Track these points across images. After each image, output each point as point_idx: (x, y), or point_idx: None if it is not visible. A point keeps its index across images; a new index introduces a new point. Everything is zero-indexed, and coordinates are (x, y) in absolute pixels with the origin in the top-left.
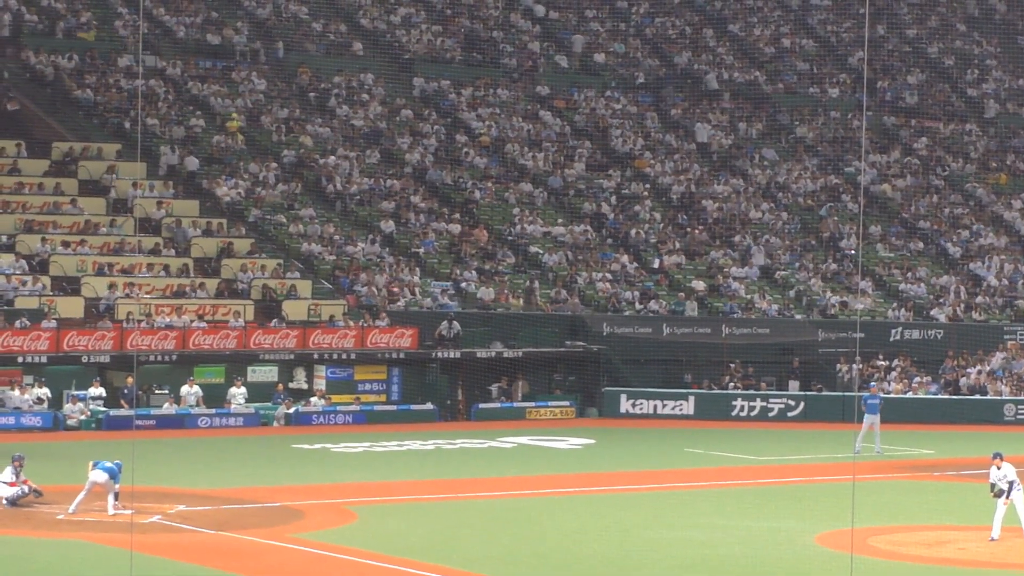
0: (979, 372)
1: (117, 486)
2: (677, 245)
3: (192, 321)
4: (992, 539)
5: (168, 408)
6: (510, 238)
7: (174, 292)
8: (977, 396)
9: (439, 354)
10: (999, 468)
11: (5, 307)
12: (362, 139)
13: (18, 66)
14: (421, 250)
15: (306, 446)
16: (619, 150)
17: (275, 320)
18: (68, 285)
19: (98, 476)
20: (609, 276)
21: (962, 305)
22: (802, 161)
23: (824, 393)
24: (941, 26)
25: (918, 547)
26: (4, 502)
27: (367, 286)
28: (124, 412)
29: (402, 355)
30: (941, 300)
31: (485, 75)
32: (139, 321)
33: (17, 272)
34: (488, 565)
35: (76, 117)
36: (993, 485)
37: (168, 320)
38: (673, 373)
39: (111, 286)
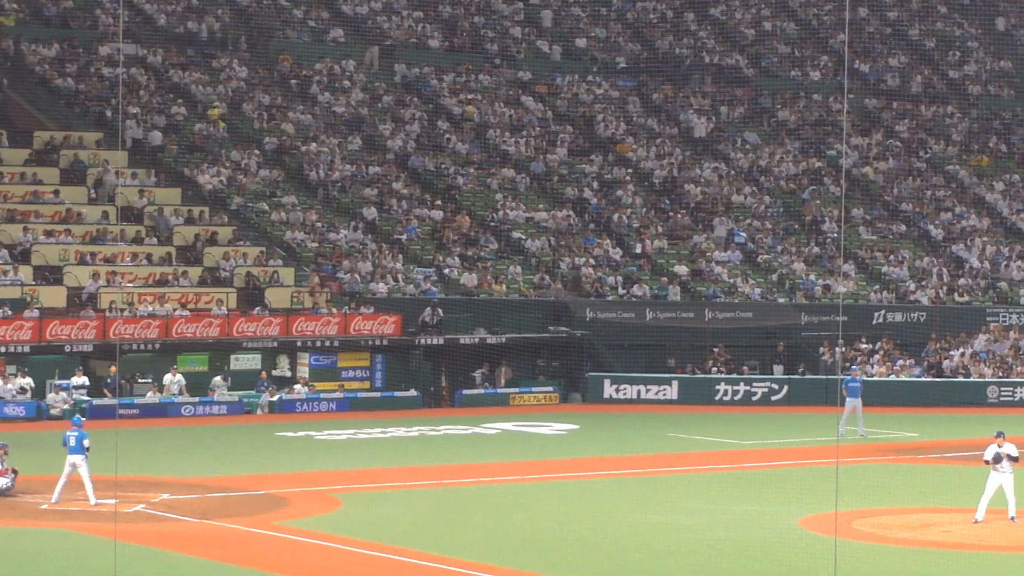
0: (962, 354)
1: (86, 441)
2: (660, 229)
3: (175, 310)
4: (976, 521)
5: (151, 397)
6: (493, 224)
7: (156, 281)
8: (960, 378)
9: (422, 340)
10: (1000, 447)
11: None
12: (344, 126)
13: None
14: (404, 236)
15: (290, 434)
16: (601, 135)
17: (258, 308)
18: (50, 274)
19: (75, 458)
20: (592, 261)
21: (945, 287)
22: (784, 144)
23: (807, 377)
24: (922, 8)
25: (902, 530)
26: None
27: (350, 273)
28: (107, 401)
29: (385, 342)
30: (924, 282)
31: (467, 61)
32: (122, 310)
33: None
34: (473, 551)
35: (57, 106)
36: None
37: (151, 309)
38: (656, 358)
39: (94, 275)
